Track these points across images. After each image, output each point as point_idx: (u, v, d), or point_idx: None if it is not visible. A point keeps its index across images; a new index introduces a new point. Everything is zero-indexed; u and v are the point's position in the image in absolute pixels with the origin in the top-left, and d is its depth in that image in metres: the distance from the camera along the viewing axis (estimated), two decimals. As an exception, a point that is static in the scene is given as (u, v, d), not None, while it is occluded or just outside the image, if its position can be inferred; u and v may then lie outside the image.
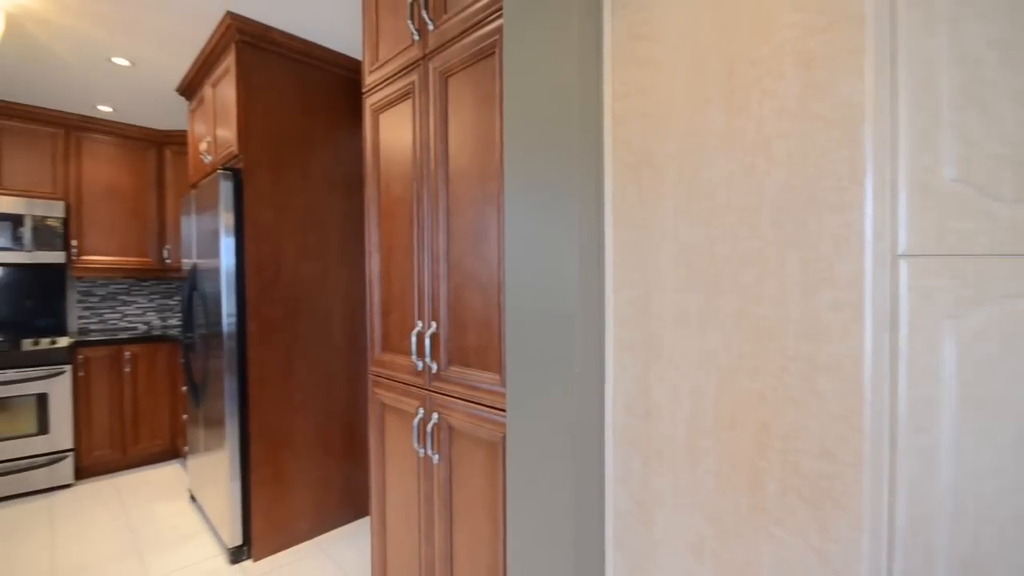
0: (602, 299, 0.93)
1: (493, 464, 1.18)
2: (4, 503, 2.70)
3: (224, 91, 2.24)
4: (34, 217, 2.97)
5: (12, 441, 2.71)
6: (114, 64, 2.51)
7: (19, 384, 2.73)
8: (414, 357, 1.36)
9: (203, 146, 2.52)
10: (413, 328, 1.40)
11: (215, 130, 2.37)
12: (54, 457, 2.84)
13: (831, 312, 0.65)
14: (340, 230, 2.44)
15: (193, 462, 2.64)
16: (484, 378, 1.19)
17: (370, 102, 1.56)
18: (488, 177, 1.16)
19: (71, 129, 3.16)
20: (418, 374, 1.39)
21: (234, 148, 2.14)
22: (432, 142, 1.31)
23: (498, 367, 1.15)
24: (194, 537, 2.35)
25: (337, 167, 2.43)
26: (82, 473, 3.00)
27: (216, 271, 2.18)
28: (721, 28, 0.76)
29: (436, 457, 1.32)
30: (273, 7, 2.02)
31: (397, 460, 1.51)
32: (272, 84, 2.20)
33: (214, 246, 2.18)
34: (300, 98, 2.30)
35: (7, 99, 2.92)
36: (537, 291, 0.92)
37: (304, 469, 2.31)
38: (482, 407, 1.20)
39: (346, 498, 2.48)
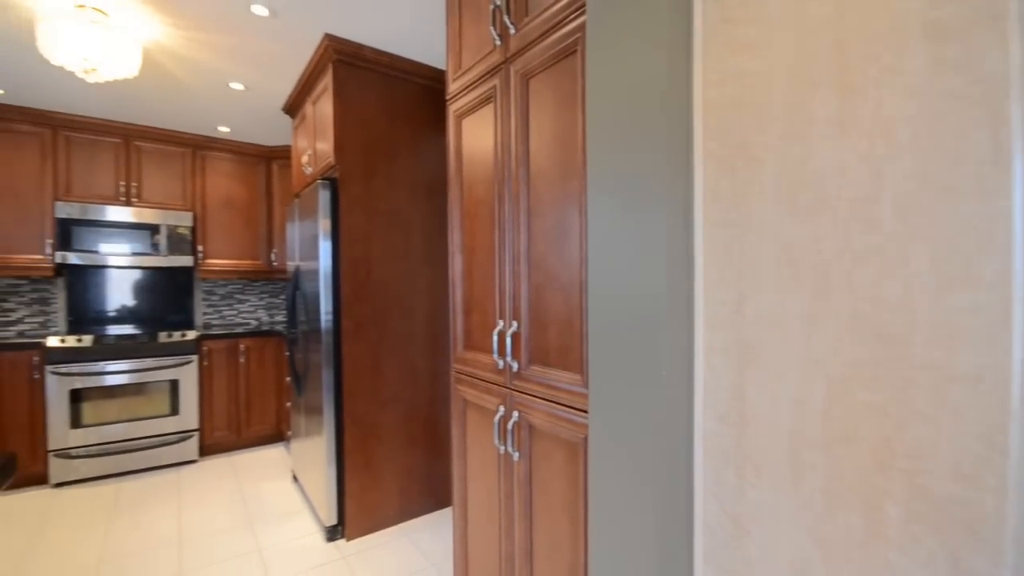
0: (691, 300, 0.88)
1: (574, 465, 1.17)
2: (143, 474, 3.15)
3: (322, 108, 2.45)
4: (168, 226, 3.44)
5: (150, 420, 3.16)
6: (231, 89, 2.83)
7: (156, 371, 3.17)
8: (495, 356, 1.39)
9: (304, 158, 2.77)
10: (494, 327, 1.43)
11: (315, 143, 2.59)
12: (183, 436, 3.27)
13: (970, 316, 0.57)
14: (423, 232, 2.56)
15: (295, 445, 2.90)
16: (565, 378, 1.18)
17: (453, 108, 1.62)
18: (569, 176, 1.16)
19: (197, 148, 3.61)
20: (499, 372, 1.42)
21: (331, 159, 2.32)
22: (513, 144, 1.33)
23: (579, 368, 1.14)
24: (296, 514, 2.58)
25: (420, 172, 2.55)
26: (204, 451, 3.42)
27: (315, 272, 2.38)
28: (830, 2, 0.69)
29: (516, 455, 1.34)
30: (365, 26, 2.17)
31: (478, 455, 1.55)
32: (363, 98, 2.36)
33: (314, 249, 2.39)
34: (387, 109, 2.45)
35: (145, 124, 3.40)
36: (622, 291, 0.90)
37: (390, 458, 2.45)
38: (562, 407, 1.19)
39: (428, 488, 2.59)
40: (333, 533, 2.32)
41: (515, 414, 1.35)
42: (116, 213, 3.26)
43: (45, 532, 2.40)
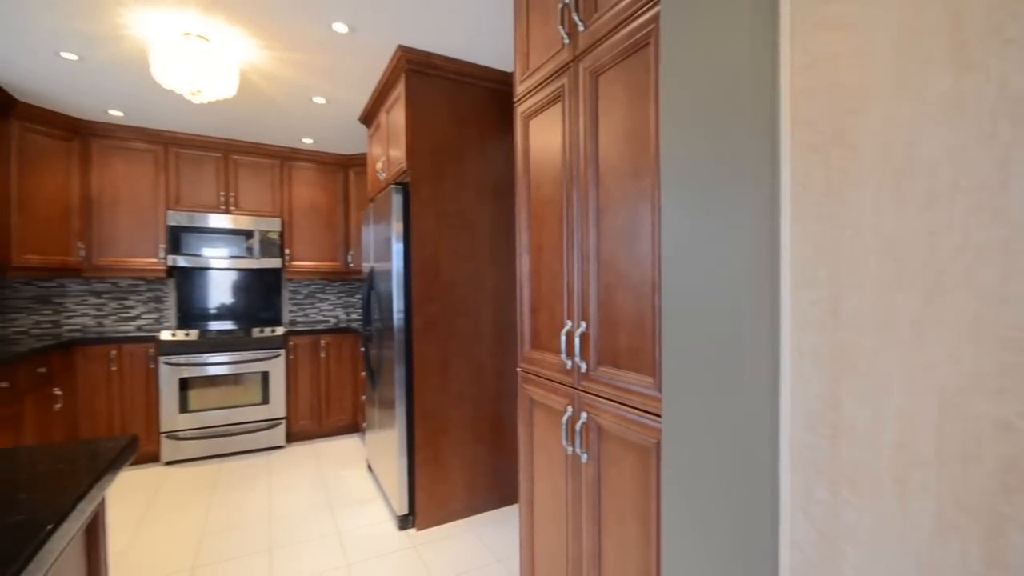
0: (776, 301, 0.83)
1: (645, 469, 1.14)
2: (238, 456, 3.46)
3: (395, 116, 2.56)
4: (260, 232, 3.76)
5: (244, 408, 3.47)
6: (314, 103, 3.05)
7: (250, 363, 3.48)
8: (563, 356, 1.39)
9: (379, 165, 2.92)
10: (562, 327, 1.42)
11: (388, 150, 2.72)
12: (272, 423, 3.56)
13: None
14: (490, 233, 2.61)
15: (370, 436, 3.06)
16: (636, 380, 1.15)
17: (520, 110, 1.63)
18: (641, 173, 1.13)
19: (284, 159, 3.92)
20: (567, 373, 1.41)
21: (403, 165, 2.43)
22: (582, 142, 1.32)
23: (652, 370, 1.11)
24: (370, 501, 2.72)
25: (487, 174, 2.60)
26: (290, 438, 3.70)
27: (388, 273, 2.50)
28: (946, -29, 0.62)
29: (585, 456, 1.33)
30: (435, 35, 2.24)
31: (545, 455, 1.55)
32: (433, 104, 2.45)
33: (387, 251, 2.51)
34: (455, 114, 2.52)
35: (241, 139, 3.74)
36: (699, 291, 0.86)
37: (458, 453, 2.52)
38: (633, 410, 1.17)
39: (494, 484, 2.63)
40: (404, 522, 2.43)
41: (583, 415, 1.34)
42: (217, 220, 3.62)
43: (157, 504, 2.72)
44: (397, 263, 2.42)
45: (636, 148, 1.14)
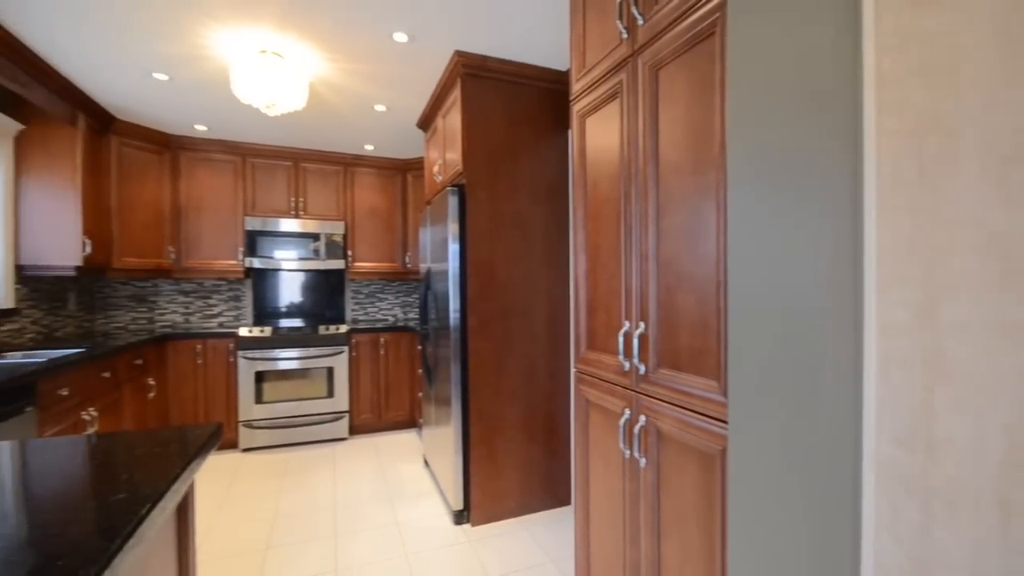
0: (859, 301, 0.77)
1: (708, 476, 1.09)
2: (305, 446, 3.67)
3: (451, 120, 2.62)
4: (326, 235, 3.97)
5: (311, 401, 3.68)
6: (375, 111, 3.18)
7: (317, 359, 3.68)
8: (621, 357, 1.36)
9: (435, 168, 2.99)
10: (620, 328, 1.40)
11: (444, 154, 2.78)
12: (336, 416, 3.75)
13: None
14: (544, 233, 2.60)
15: (426, 432, 3.15)
16: (698, 384, 1.11)
17: (576, 108, 1.62)
18: (704, 169, 1.09)
19: (347, 166, 4.11)
20: (624, 374, 1.38)
21: (459, 167, 2.48)
22: (641, 139, 1.29)
23: (716, 373, 1.06)
24: (427, 495, 2.80)
25: (541, 175, 2.60)
26: (353, 431, 3.88)
27: (445, 273, 2.56)
28: (1069, -70, 0.55)
29: (643, 461, 1.30)
30: (490, 38, 2.27)
31: (601, 457, 1.53)
32: (488, 107, 2.48)
33: (443, 252, 2.57)
34: (510, 115, 2.54)
35: (309, 147, 3.96)
36: (771, 291, 0.82)
37: (511, 452, 2.54)
38: (695, 415, 1.12)
39: (547, 485, 2.62)
40: (459, 517, 2.48)
41: (642, 418, 1.30)
42: (287, 225, 3.86)
43: (236, 486, 2.93)
44: (453, 263, 2.47)
45: (699, 143, 1.10)
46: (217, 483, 2.99)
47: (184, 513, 1.02)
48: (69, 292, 3.31)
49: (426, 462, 3.25)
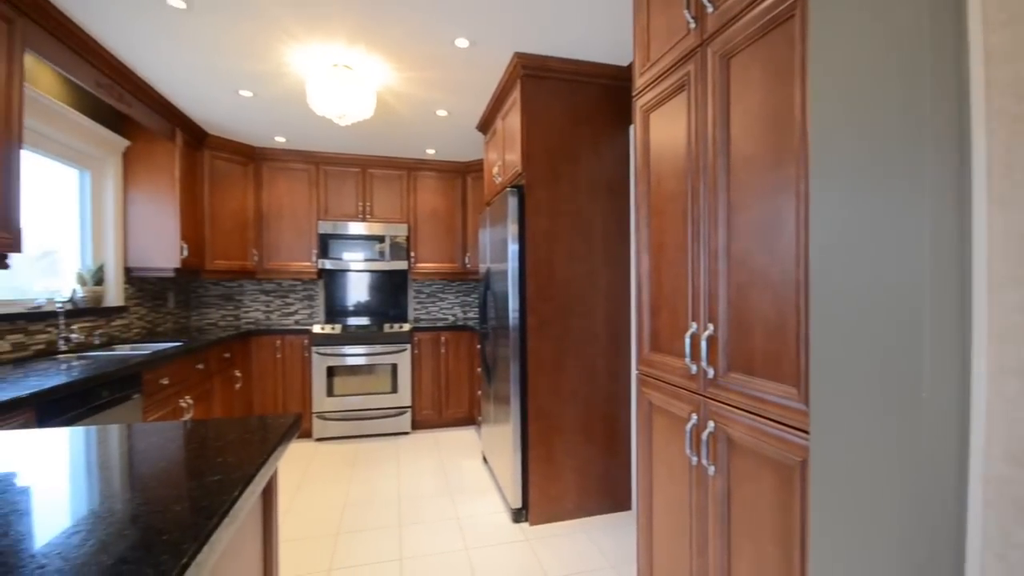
0: (966, 303, 0.69)
1: (786, 489, 1.03)
2: (371, 439, 3.84)
3: (511, 121, 2.64)
4: (390, 237, 4.14)
5: (377, 396, 3.84)
6: (437, 116, 3.27)
7: (382, 355, 3.85)
8: (687, 360, 1.31)
9: (495, 169, 3.03)
10: (686, 329, 1.35)
11: (504, 155, 2.81)
12: (399, 411, 3.89)
13: None
14: (603, 233, 2.56)
15: (485, 430, 3.20)
16: (774, 390, 1.05)
17: (640, 103, 1.58)
18: (782, 161, 1.02)
19: (410, 170, 4.27)
20: (691, 378, 1.33)
21: (519, 168, 2.49)
22: (710, 131, 1.23)
23: (795, 379, 0.99)
24: (485, 492, 2.84)
25: (601, 173, 2.56)
26: (415, 426, 4.01)
27: (504, 273, 2.58)
28: None
29: (712, 468, 1.24)
30: (550, 38, 2.27)
31: (665, 463, 1.48)
32: (547, 106, 2.48)
33: (503, 252, 2.60)
34: (569, 114, 2.52)
35: (375, 154, 4.15)
36: (861, 291, 0.75)
37: (570, 453, 2.52)
38: (771, 423, 1.06)
39: (606, 488, 2.58)
40: (518, 515, 2.49)
41: (710, 424, 1.25)
42: (355, 228, 4.07)
43: (310, 473, 3.13)
44: (512, 263, 2.49)
45: (776, 134, 1.04)
46: (294, 470, 3.20)
47: (269, 496, 1.10)
48: (168, 291, 3.68)
49: (485, 459, 3.30)
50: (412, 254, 4.25)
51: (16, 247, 1.76)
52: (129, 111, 2.63)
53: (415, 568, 2.07)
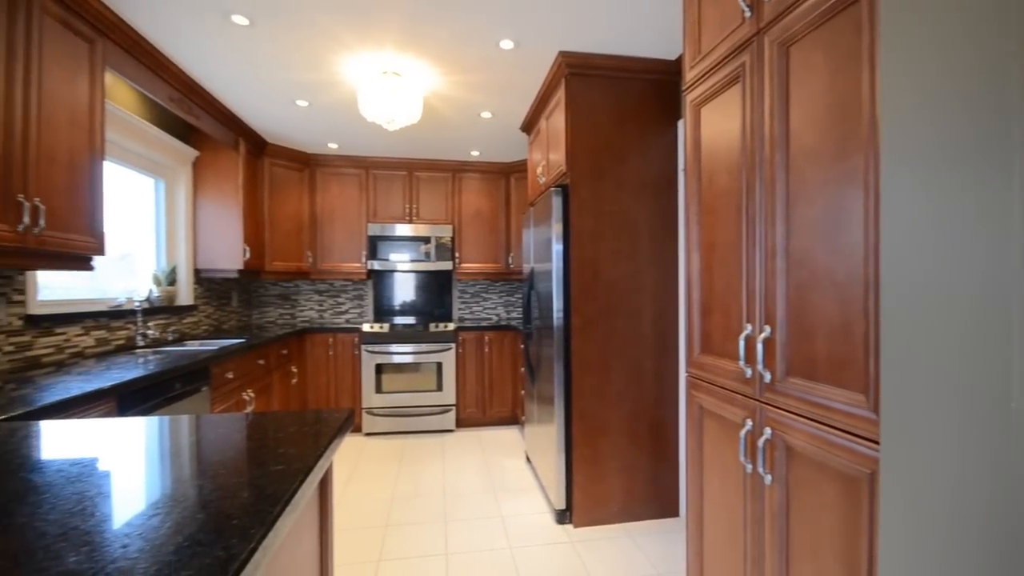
0: (1069, 304, 0.62)
1: (852, 502, 0.96)
2: (417, 435, 3.93)
3: (555, 121, 2.63)
4: (435, 238, 4.23)
5: (423, 393, 3.93)
6: (482, 118, 3.30)
7: (428, 354, 3.93)
8: (741, 363, 1.25)
9: (539, 169, 3.03)
10: (740, 331, 1.29)
11: (548, 155, 2.80)
12: (444, 408, 3.96)
13: None
14: (649, 231, 2.50)
15: (528, 430, 3.20)
16: (839, 396, 0.98)
17: (690, 98, 1.53)
18: (848, 152, 0.96)
19: (455, 172, 4.34)
20: (745, 382, 1.27)
21: (563, 167, 2.48)
22: (767, 124, 1.17)
23: (862, 386, 0.93)
24: (529, 491, 2.84)
25: (647, 171, 2.50)
26: (459, 423, 4.07)
27: (548, 273, 2.57)
28: None
29: (768, 477, 1.18)
30: (594, 34, 2.24)
31: (717, 470, 1.42)
32: (592, 104, 2.45)
33: (547, 252, 2.59)
34: (614, 111, 2.48)
35: (421, 157, 4.25)
36: (939, 292, 0.69)
37: (614, 456, 2.47)
38: (835, 431, 1.00)
39: (652, 492, 2.51)
40: (562, 517, 2.47)
41: (767, 431, 1.19)
42: (402, 229, 4.18)
43: (359, 467, 3.24)
44: (556, 263, 2.48)
45: (841, 123, 0.97)
46: (344, 462, 3.33)
47: (325, 486, 1.15)
48: (232, 291, 3.92)
49: (528, 459, 3.30)
50: (456, 254, 4.32)
51: (100, 250, 1.93)
52: (198, 123, 2.82)
53: (460, 563, 2.10)
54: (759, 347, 1.19)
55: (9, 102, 1.51)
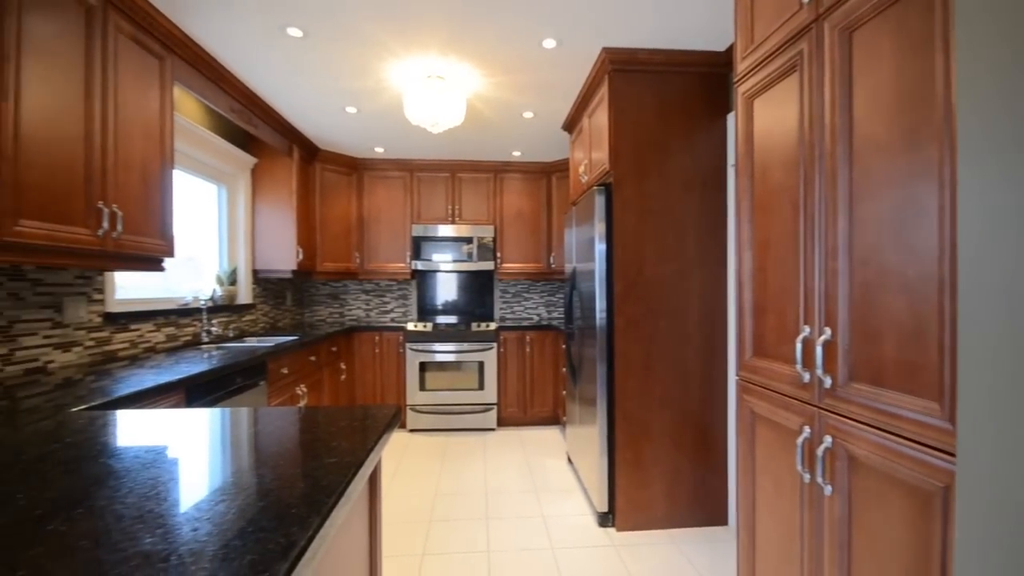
0: None
1: (923, 517, 0.90)
2: (459, 433, 3.99)
3: (598, 119, 2.60)
4: (477, 238, 4.27)
5: (464, 392, 3.98)
6: (523, 118, 3.31)
7: (470, 353, 3.98)
8: (798, 367, 1.19)
9: (581, 168, 3.00)
10: (797, 334, 1.23)
11: (590, 153, 2.77)
12: (485, 407, 4.00)
13: None
14: (696, 230, 2.43)
15: (570, 431, 3.18)
16: (910, 404, 0.92)
17: (742, 90, 1.47)
18: (919, 143, 0.89)
19: (496, 172, 4.37)
20: (803, 387, 1.21)
21: (606, 165, 2.44)
22: (827, 115, 1.11)
23: (936, 393, 0.86)
24: (571, 493, 2.82)
25: (693, 167, 2.42)
26: (500, 422, 4.10)
27: (591, 273, 2.54)
28: None
29: (828, 488, 1.12)
30: (639, 28, 2.19)
31: (771, 478, 1.36)
32: (636, 101, 2.40)
33: (589, 252, 2.56)
34: (659, 106, 2.42)
35: (463, 159, 4.30)
36: (1030, 292, 0.63)
37: (658, 460, 2.41)
38: (905, 441, 0.93)
39: (698, 499, 2.44)
40: (604, 520, 2.44)
41: (827, 439, 1.12)
42: (445, 230, 4.26)
43: (404, 462, 3.32)
44: (599, 263, 2.45)
45: (912, 112, 0.91)
46: (389, 457, 3.42)
47: (374, 481, 1.19)
48: (287, 291, 4.11)
49: (569, 459, 3.28)
50: (498, 254, 4.35)
51: (170, 252, 2.07)
52: (256, 132, 2.98)
53: (502, 561, 2.11)
54: (818, 350, 1.13)
55: (89, 116, 1.65)
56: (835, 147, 1.09)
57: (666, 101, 2.42)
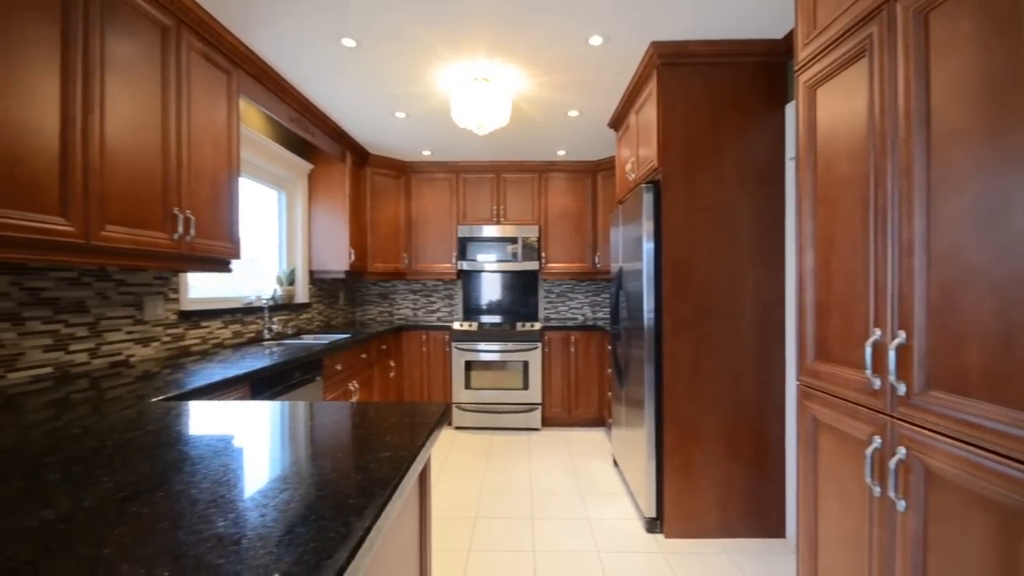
0: None
1: (1011, 538, 0.82)
2: (503, 432, 4.01)
3: (646, 115, 2.54)
4: (522, 238, 4.28)
5: (509, 391, 4.00)
6: (568, 117, 3.29)
7: (514, 353, 4.00)
8: (868, 373, 1.12)
9: (628, 166, 2.94)
10: (866, 337, 1.15)
11: (638, 150, 2.71)
12: (530, 407, 4.00)
13: None
14: (751, 226, 2.32)
15: (616, 433, 3.13)
16: (997, 415, 0.84)
17: (803, 78, 1.39)
18: (1007, 130, 0.81)
19: (541, 172, 4.36)
20: (872, 394, 1.13)
21: (654, 163, 2.38)
22: (901, 102, 1.03)
23: (1030, 404, 0.78)
24: (616, 496, 2.77)
25: (748, 161, 2.32)
26: (545, 423, 4.09)
27: (638, 272, 2.49)
28: None
29: (901, 504, 1.04)
30: (689, 19, 2.12)
31: (835, 490, 1.28)
32: (686, 95, 2.33)
33: (637, 251, 2.51)
34: (710, 99, 2.33)
35: (507, 159, 4.32)
36: None
37: (709, 467, 2.33)
38: (991, 455, 0.85)
39: (752, 509, 2.33)
40: (652, 525, 2.38)
41: (900, 450, 1.05)
42: (490, 230, 4.29)
43: (449, 458, 3.38)
44: (647, 262, 2.39)
45: (998, 97, 0.83)
46: (436, 453, 3.50)
47: (424, 476, 1.22)
48: (340, 290, 4.29)
49: (615, 462, 3.22)
50: (543, 254, 4.34)
51: (237, 254, 2.21)
52: (312, 139, 3.13)
53: (548, 562, 2.11)
54: (891, 355, 1.05)
55: (166, 129, 1.79)
56: (910, 136, 1.01)
57: (717, 94, 2.33)
